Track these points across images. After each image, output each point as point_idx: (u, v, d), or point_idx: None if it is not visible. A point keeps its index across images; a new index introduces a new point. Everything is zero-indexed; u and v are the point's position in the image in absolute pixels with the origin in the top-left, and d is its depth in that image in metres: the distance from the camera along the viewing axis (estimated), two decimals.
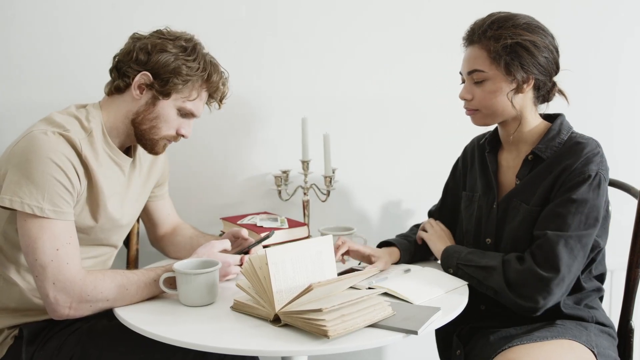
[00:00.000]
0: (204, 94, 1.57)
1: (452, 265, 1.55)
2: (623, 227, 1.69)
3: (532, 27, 1.47)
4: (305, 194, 2.03)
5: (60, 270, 1.34)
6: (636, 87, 2.13)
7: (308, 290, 1.22)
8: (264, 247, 1.50)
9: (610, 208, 1.55)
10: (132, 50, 1.50)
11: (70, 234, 1.38)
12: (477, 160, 1.66)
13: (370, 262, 1.61)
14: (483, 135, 1.71)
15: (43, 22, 1.94)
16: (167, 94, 1.49)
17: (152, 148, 1.56)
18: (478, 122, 1.56)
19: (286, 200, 2.07)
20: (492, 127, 1.65)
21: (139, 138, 1.54)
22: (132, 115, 1.52)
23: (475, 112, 1.54)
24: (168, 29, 1.55)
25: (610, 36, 2.09)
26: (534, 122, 1.54)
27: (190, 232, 1.80)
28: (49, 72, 1.96)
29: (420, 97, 2.09)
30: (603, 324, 1.53)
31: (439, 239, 1.66)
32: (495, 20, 1.48)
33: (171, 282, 1.41)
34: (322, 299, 1.27)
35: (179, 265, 1.40)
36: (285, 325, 1.26)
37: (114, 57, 1.55)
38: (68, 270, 1.35)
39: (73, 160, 1.40)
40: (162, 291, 1.42)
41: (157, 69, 1.48)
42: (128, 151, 1.60)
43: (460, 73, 1.57)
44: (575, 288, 1.48)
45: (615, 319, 1.64)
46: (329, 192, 2.02)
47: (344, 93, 2.09)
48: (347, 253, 1.63)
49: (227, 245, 1.53)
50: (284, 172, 2.06)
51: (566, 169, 1.44)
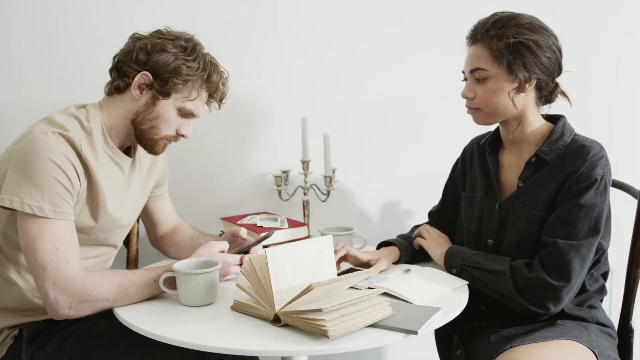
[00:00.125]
0: (204, 94, 1.57)
1: (456, 266, 1.54)
2: (623, 227, 1.69)
3: (535, 26, 1.47)
4: (305, 194, 2.03)
5: (60, 270, 1.34)
6: (636, 87, 2.13)
7: (308, 290, 1.22)
8: (264, 247, 1.50)
9: (610, 208, 1.54)
10: (132, 50, 1.50)
11: (70, 234, 1.38)
12: (478, 161, 1.66)
13: (369, 267, 1.60)
14: (483, 136, 1.70)
15: (43, 22, 1.94)
16: (167, 94, 1.49)
17: (152, 148, 1.56)
18: (479, 121, 1.55)
19: (286, 200, 2.07)
20: (492, 127, 1.65)
21: (138, 138, 1.54)
22: (132, 115, 1.52)
23: (477, 111, 1.54)
24: (168, 29, 1.55)
25: (610, 36, 2.09)
26: (536, 122, 1.54)
27: (190, 232, 1.80)
28: (49, 72, 1.96)
29: (420, 97, 2.08)
30: (603, 324, 1.52)
31: (437, 245, 1.65)
32: (498, 19, 1.48)
33: (171, 282, 1.41)
34: (322, 299, 1.27)
35: (179, 265, 1.40)
36: (285, 325, 1.26)
37: (114, 57, 1.55)
38: (68, 270, 1.35)
39: (73, 160, 1.40)
40: (162, 291, 1.42)
41: (157, 69, 1.48)
42: (128, 151, 1.60)
43: (463, 71, 1.56)
44: (580, 290, 1.48)
45: (615, 319, 1.64)
46: (329, 192, 2.02)
47: (344, 93, 2.09)
48: (345, 258, 1.61)
49: (225, 247, 1.53)
50: (284, 172, 2.06)
51: (572, 173, 1.44)
